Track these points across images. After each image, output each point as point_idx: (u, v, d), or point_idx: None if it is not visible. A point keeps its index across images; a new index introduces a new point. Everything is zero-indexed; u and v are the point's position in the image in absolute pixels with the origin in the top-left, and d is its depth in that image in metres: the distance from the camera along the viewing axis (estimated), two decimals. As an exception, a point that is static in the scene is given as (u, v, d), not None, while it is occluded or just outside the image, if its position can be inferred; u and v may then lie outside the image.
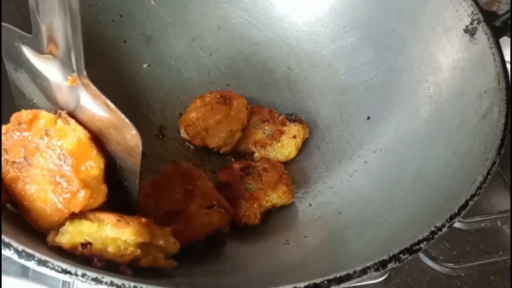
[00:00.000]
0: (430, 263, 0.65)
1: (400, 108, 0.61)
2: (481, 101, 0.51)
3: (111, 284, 0.33)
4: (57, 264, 0.33)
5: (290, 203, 0.57)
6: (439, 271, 0.65)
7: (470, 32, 0.56)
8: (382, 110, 0.63)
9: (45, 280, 0.53)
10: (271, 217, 0.57)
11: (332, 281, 0.35)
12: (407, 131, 0.59)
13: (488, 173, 0.43)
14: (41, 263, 0.33)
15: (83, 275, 0.33)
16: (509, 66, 0.52)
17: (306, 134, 0.64)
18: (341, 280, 0.35)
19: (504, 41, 0.56)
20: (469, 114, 0.52)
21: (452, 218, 0.40)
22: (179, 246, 0.42)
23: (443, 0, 0.59)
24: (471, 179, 0.43)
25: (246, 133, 0.63)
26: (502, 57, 0.53)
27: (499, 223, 0.70)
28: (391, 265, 0.37)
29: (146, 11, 0.73)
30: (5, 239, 0.34)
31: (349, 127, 0.66)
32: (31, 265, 0.33)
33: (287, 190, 0.56)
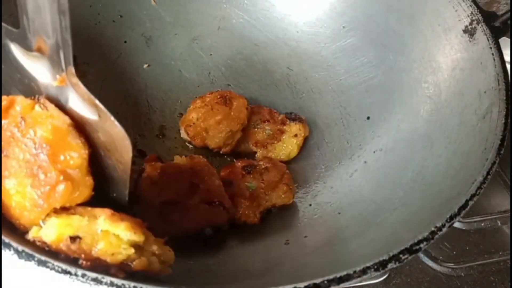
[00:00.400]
0: (430, 263, 0.65)
1: (400, 108, 0.62)
2: (480, 101, 0.52)
3: (111, 284, 0.33)
4: (57, 264, 0.33)
5: (290, 203, 0.56)
6: (439, 271, 0.65)
7: (469, 32, 0.56)
8: (382, 110, 0.64)
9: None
10: (271, 217, 0.57)
11: (332, 281, 0.35)
12: (407, 131, 0.59)
13: (488, 173, 0.43)
14: (41, 263, 0.33)
15: (83, 275, 0.33)
16: (508, 66, 0.52)
17: (306, 132, 0.64)
18: (341, 280, 0.35)
19: (503, 41, 0.56)
20: (469, 114, 0.52)
21: (452, 218, 0.40)
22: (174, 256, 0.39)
23: (443, 0, 0.59)
24: (471, 179, 0.43)
25: (246, 133, 0.63)
26: (501, 57, 0.53)
27: (499, 223, 0.70)
28: (391, 265, 0.37)
29: (146, 11, 0.73)
30: (5, 239, 0.34)
31: (349, 127, 0.66)
32: (31, 265, 0.33)
33: (287, 189, 0.56)
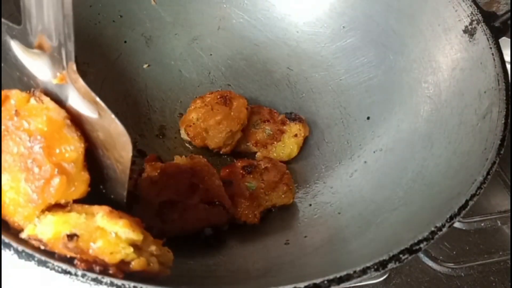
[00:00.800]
0: (430, 263, 0.65)
1: (400, 108, 0.62)
2: (480, 101, 0.52)
3: (111, 284, 0.33)
4: (57, 264, 0.33)
5: (290, 203, 0.56)
6: (439, 271, 0.65)
7: (469, 32, 0.56)
8: (382, 110, 0.64)
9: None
10: (271, 217, 0.57)
11: (332, 281, 0.35)
12: (407, 131, 0.59)
13: (488, 173, 0.43)
14: (41, 263, 0.33)
15: (83, 275, 0.33)
16: (508, 66, 0.52)
17: (306, 132, 0.64)
18: (341, 280, 0.35)
19: (503, 41, 0.56)
20: (469, 114, 0.52)
21: (452, 218, 0.40)
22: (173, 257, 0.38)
23: (443, 0, 0.59)
24: (471, 179, 0.43)
25: (246, 134, 0.63)
26: (501, 58, 0.53)
27: (499, 223, 0.70)
28: (391, 265, 0.37)
29: (146, 11, 0.73)
30: (5, 239, 0.34)
31: (349, 127, 0.66)
32: (31, 265, 0.33)
33: (287, 190, 0.56)
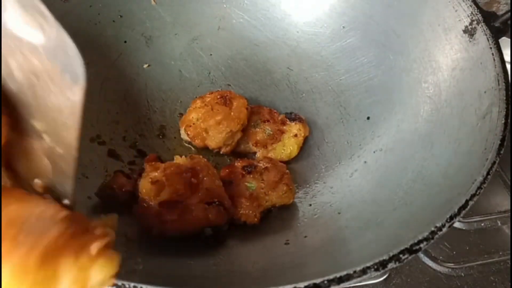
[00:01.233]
0: (430, 263, 0.65)
1: (400, 108, 0.62)
2: (480, 101, 0.52)
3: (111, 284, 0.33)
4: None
5: (290, 203, 0.57)
6: (439, 271, 0.65)
7: (469, 32, 0.56)
8: (382, 110, 0.64)
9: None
10: (271, 217, 0.57)
11: (332, 281, 0.35)
12: (407, 131, 0.59)
13: (488, 173, 0.43)
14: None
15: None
16: (508, 66, 0.52)
17: (306, 132, 0.64)
18: (341, 280, 0.35)
19: (503, 41, 0.56)
20: (469, 114, 0.52)
21: (452, 218, 0.40)
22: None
23: (443, 0, 0.59)
24: (471, 179, 0.43)
25: (246, 134, 0.63)
26: (501, 58, 0.53)
27: (499, 223, 0.70)
28: (391, 265, 0.37)
29: (146, 11, 0.73)
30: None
31: (349, 127, 0.66)
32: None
33: (287, 190, 0.56)
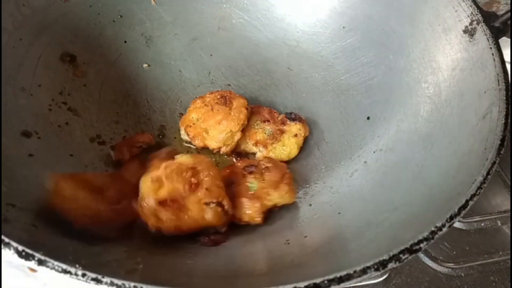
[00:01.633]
0: (430, 263, 0.65)
1: (400, 108, 0.61)
2: (480, 101, 0.51)
3: (111, 284, 0.33)
4: (57, 264, 0.33)
5: (291, 203, 0.56)
6: (439, 271, 0.65)
7: (469, 32, 0.56)
8: (382, 110, 0.64)
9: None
10: (271, 217, 0.56)
11: (332, 281, 0.35)
12: (407, 131, 0.59)
13: (488, 173, 0.43)
14: (41, 263, 0.33)
15: (83, 275, 0.33)
16: (508, 66, 0.52)
17: (306, 132, 0.64)
18: (341, 280, 0.35)
19: (503, 41, 0.56)
20: (469, 114, 0.52)
21: (452, 218, 0.40)
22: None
23: (443, 0, 0.59)
24: (471, 179, 0.43)
25: (246, 134, 0.63)
26: (501, 58, 0.53)
27: (499, 223, 0.70)
28: (391, 265, 0.37)
29: (146, 11, 0.73)
30: (5, 239, 0.34)
31: (349, 127, 0.66)
32: (31, 265, 0.33)
33: (289, 189, 0.55)
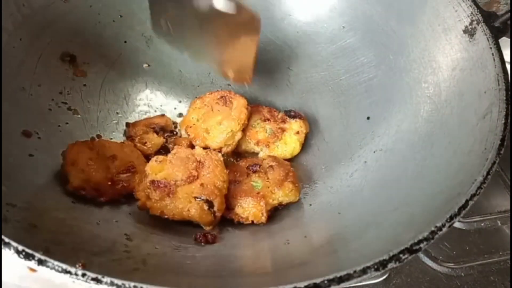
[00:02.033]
0: (430, 263, 0.65)
1: (400, 108, 0.61)
2: (480, 101, 0.51)
3: (111, 284, 0.33)
4: (57, 264, 0.33)
5: (296, 201, 0.56)
6: (439, 271, 0.65)
7: (469, 32, 0.56)
8: (382, 110, 0.63)
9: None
10: (271, 217, 0.56)
11: (332, 281, 0.35)
12: (407, 131, 0.59)
13: (488, 173, 0.43)
14: (41, 263, 0.33)
15: (83, 275, 0.33)
16: (508, 66, 0.52)
17: (307, 129, 0.64)
18: (341, 280, 0.35)
19: (503, 41, 0.56)
20: (469, 114, 0.52)
21: (452, 218, 0.40)
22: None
23: (443, 0, 0.59)
24: (471, 179, 0.43)
25: (247, 133, 0.63)
26: (501, 58, 0.53)
27: (499, 223, 0.70)
28: (391, 265, 0.37)
29: (146, 11, 0.72)
30: (5, 239, 0.34)
31: (349, 127, 0.66)
32: (31, 264, 0.33)
33: (293, 187, 0.55)
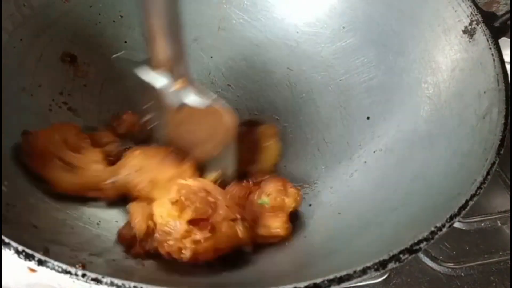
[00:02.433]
0: (430, 263, 0.65)
1: (400, 108, 0.62)
2: (480, 101, 0.51)
3: (111, 284, 0.33)
4: (57, 264, 0.33)
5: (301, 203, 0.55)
6: (439, 271, 0.65)
7: (469, 32, 0.56)
8: (382, 110, 0.64)
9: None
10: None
11: (332, 281, 0.35)
12: (407, 131, 0.59)
13: (487, 173, 0.43)
14: (41, 263, 0.33)
15: (83, 275, 0.33)
16: (508, 66, 0.52)
17: (275, 128, 0.62)
18: (341, 280, 0.35)
19: (503, 41, 0.56)
20: (469, 114, 0.52)
21: (452, 218, 0.40)
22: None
23: (443, 0, 0.59)
24: (471, 179, 0.43)
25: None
26: (501, 58, 0.53)
27: (499, 223, 0.70)
28: (391, 265, 0.37)
29: (146, 11, 0.73)
30: (5, 239, 0.34)
31: (349, 127, 0.66)
32: (31, 265, 0.33)
33: (296, 191, 0.54)
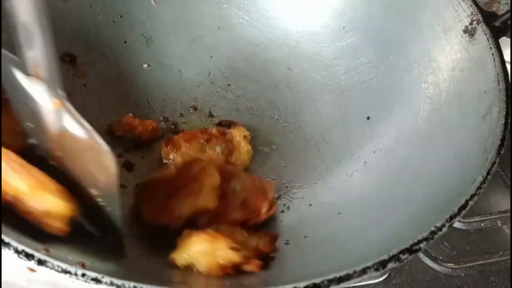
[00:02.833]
0: (430, 263, 0.65)
1: (400, 108, 0.62)
2: (480, 101, 0.52)
3: (111, 284, 0.33)
4: (57, 264, 0.33)
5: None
6: (439, 271, 0.65)
7: (469, 32, 0.56)
8: (382, 110, 0.64)
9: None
10: (271, 219, 0.56)
11: (332, 281, 0.35)
12: (407, 131, 0.59)
13: (488, 173, 0.43)
14: (41, 263, 0.33)
15: (83, 275, 0.33)
16: (508, 66, 0.52)
17: (246, 131, 0.62)
18: (341, 280, 0.35)
19: (503, 41, 0.56)
20: (469, 114, 0.52)
21: (452, 218, 0.40)
22: None
23: (443, 0, 0.59)
24: (471, 179, 0.43)
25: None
26: (501, 58, 0.53)
27: (499, 223, 0.70)
28: (391, 265, 0.37)
29: (146, 11, 0.73)
30: (5, 239, 0.34)
31: (349, 127, 0.66)
32: (31, 265, 0.34)
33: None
